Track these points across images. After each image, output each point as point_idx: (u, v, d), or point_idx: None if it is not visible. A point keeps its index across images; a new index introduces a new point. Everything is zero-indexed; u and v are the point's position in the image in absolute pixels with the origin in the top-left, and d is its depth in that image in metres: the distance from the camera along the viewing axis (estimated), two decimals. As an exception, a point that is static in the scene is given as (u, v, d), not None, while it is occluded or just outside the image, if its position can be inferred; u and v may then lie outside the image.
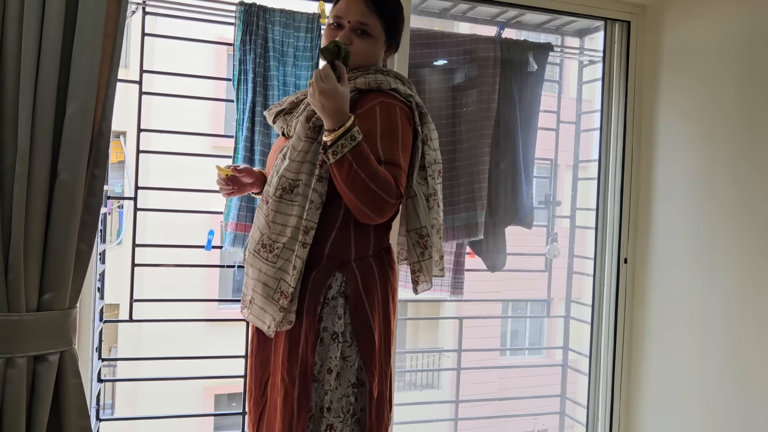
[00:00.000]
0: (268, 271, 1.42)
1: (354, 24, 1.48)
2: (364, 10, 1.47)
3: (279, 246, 1.41)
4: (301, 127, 1.42)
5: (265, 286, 1.43)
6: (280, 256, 1.41)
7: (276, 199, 1.42)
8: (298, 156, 1.40)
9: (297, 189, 1.40)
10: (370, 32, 1.49)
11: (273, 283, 1.42)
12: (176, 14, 2.12)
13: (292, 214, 1.41)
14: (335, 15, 1.51)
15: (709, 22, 2.20)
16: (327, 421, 1.43)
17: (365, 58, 1.50)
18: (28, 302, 1.51)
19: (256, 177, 1.67)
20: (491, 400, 4.21)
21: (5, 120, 1.48)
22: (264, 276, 1.43)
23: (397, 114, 1.43)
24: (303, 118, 1.42)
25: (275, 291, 1.42)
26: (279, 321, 1.42)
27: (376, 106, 1.43)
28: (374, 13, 1.48)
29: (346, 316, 1.45)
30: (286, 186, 1.41)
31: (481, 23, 2.53)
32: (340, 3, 1.51)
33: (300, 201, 1.40)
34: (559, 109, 2.74)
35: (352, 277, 1.45)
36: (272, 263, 1.42)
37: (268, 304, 1.43)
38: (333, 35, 1.49)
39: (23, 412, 1.51)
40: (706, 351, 2.15)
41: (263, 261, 1.43)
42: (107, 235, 2.31)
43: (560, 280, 3.05)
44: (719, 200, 2.12)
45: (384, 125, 1.40)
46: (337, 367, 1.43)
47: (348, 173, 1.31)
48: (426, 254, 1.50)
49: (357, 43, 1.48)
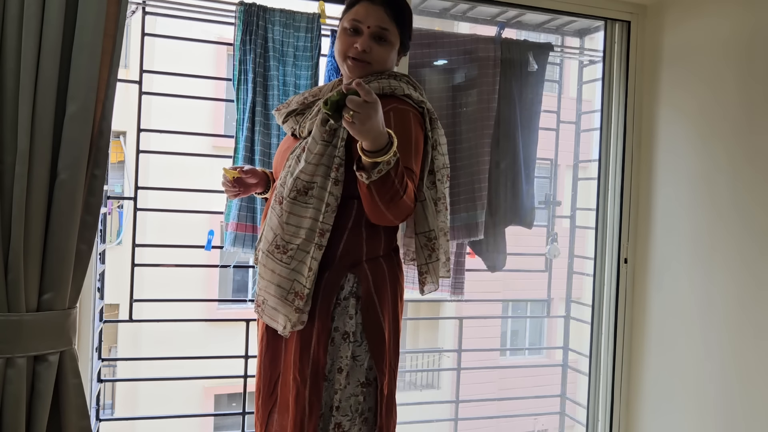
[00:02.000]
0: (282, 272, 1.43)
1: (374, 29, 1.48)
2: (384, 16, 1.48)
3: (293, 247, 1.42)
4: (317, 130, 1.42)
5: (278, 287, 1.43)
6: (294, 258, 1.42)
7: (290, 201, 1.42)
8: (314, 159, 1.40)
9: (311, 191, 1.41)
10: (388, 38, 1.50)
11: (286, 284, 1.43)
12: (176, 14, 2.12)
13: (306, 216, 1.41)
14: (353, 19, 1.49)
15: (709, 22, 2.20)
16: (335, 419, 1.45)
17: (382, 64, 1.51)
18: (28, 302, 1.51)
19: (260, 177, 1.68)
20: (491, 400, 4.20)
21: (5, 120, 1.48)
22: (277, 277, 1.43)
23: (411, 120, 1.45)
24: (319, 121, 1.42)
25: (288, 292, 1.42)
26: (294, 322, 1.43)
27: (390, 112, 1.43)
28: (393, 21, 1.49)
29: (357, 316, 1.46)
30: (301, 188, 1.41)
31: (481, 23, 2.53)
32: (357, 8, 1.49)
33: (314, 203, 1.41)
34: (559, 109, 2.74)
35: (364, 278, 1.47)
36: (286, 264, 1.42)
37: (281, 305, 1.43)
38: (350, 41, 1.49)
39: (23, 412, 1.51)
40: (706, 351, 2.15)
41: (277, 262, 1.44)
42: (107, 235, 2.31)
43: (560, 280, 3.05)
44: (719, 200, 2.12)
45: (399, 132, 1.40)
46: (347, 366, 1.45)
47: (390, 189, 1.31)
48: (434, 256, 1.53)
49: (375, 49, 1.49)
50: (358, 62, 1.49)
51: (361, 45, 1.47)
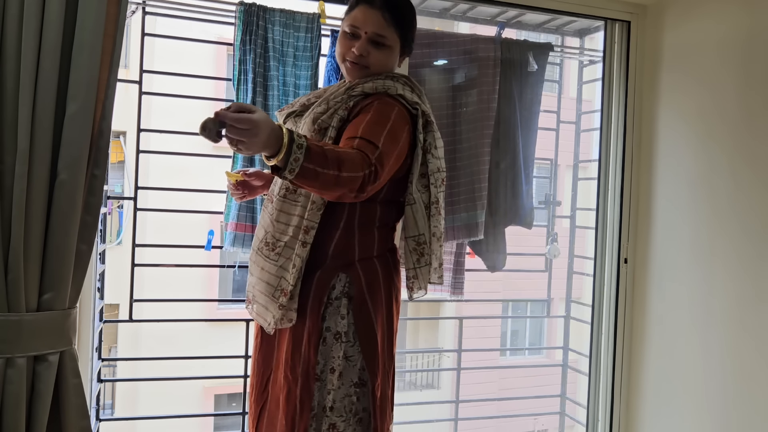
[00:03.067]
0: (270, 269, 1.44)
1: (371, 35, 1.48)
2: (381, 22, 1.47)
3: (281, 245, 1.43)
4: (307, 130, 1.44)
5: (267, 284, 1.44)
6: (282, 255, 1.43)
7: (280, 199, 1.43)
8: None
9: (301, 189, 1.41)
10: (386, 43, 1.50)
11: (274, 281, 1.43)
12: (176, 14, 2.12)
13: (295, 213, 1.42)
14: (351, 24, 1.50)
15: (709, 23, 2.19)
16: (330, 420, 1.45)
17: (380, 68, 1.52)
18: (28, 302, 1.51)
19: (266, 179, 1.69)
20: (491, 400, 4.21)
21: (5, 120, 1.48)
22: (266, 274, 1.44)
23: (393, 111, 1.42)
24: (309, 120, 1.44)
25: (276, 289, 1.43)
26: (279, 318, 1.43)
27: (374, 101, 1.43)
28: (391, 25, 1.49)
29: (349, 317, 1.46)
30: (290, 186, 1.42)
31: (481, 23, 2.53)
32: (356, 12, 1.50)
33: (303, 201, 1.42)
34: (559, 109, 2.74)
35: (356, 278, 1.46)
36: (274, 261, 1.43)
37: (269, 302, 1.44)
38: (348, 45, 1.50)
39: (23, 412, 1.51)
40: (706, 351, 2.15)
41: (266, 259, 1.45)
42: (107, 235, 2.31)
43: (560, 280, 3.05)
44: (719, 200, 2.12)
45: (375, 116, 1.38)
46: (339, 366, 1.45)
47: (319, 176, 1.20)
48: (422, 261, 1.50)
49: (373, 53, 1.49)
50: (355, 65, 1.51)
51: (358, 49, 1.48)
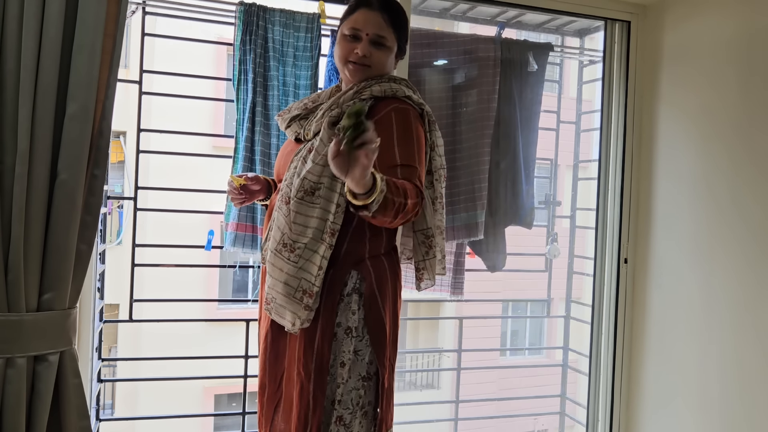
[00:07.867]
0: (290, 270, 1.46)
1: (372, 36, 1.54)
2: (381, 23, 1.54)
3: (300, 246, 1.45)
4: (324, 132, 1.47)
5: (285, 285, 1.46)
6: (302, 256, 1.45)
7: (297, 201, 1.45)
8: (321, 159, 1.43)
9: (318, 191, 1.44)
10: (386, 44, 1.56)
11: (294, 282, 1.45)
12: (176, 14, 2.12)
13: (313, 215, 1.45)
14: (352, 27, 1.55)
15: (709, 22, 2.20)
16: (337, 413, 1.49)
17: (381, 68, 1.58)
18: (28, 302, 1.51)
19: (263, 184, 1.73)
20: (491, 400, 4.20)
21: (5, 120, 1.48)
22: (285, 275, 1.46)
23: (411, 117, 1.50)
24: (326, 123, 1.48)
25: (296, 290, 1.45)
26: (303, 319, 1.46)
27: (391, 112, 1.49)
28: (390, 26, 1.55)
29: (360, 312, 1.50)
30: (308, 188, 1.44)
31: (481, 23, 2.53)
32: (356, 15, 1.55)
33: (321, 203, 1.45)
34: (559, 109, 2.74)
35: (367, 275, 1.51)
36: (294, 263, 1.45)
37: (289, 302, 1.46)
38: (350, 47, 1.55)
39: (23, 412, 1.51)
40: (706, 351, 2.15)
41: (285, 260, 1.46)
42: (107, 235, 2.31)
43: (560, 280, 3.05)
44: (719, 200, 2.12)
45: (400, 130, 1.46)
46: (349, 361, 1.49)
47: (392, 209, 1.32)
48: (430, 253, 1.59)
49: (375, 53, 1.55)
50: (358, 66, 1.55)
51: (362, 50, 1.53)
